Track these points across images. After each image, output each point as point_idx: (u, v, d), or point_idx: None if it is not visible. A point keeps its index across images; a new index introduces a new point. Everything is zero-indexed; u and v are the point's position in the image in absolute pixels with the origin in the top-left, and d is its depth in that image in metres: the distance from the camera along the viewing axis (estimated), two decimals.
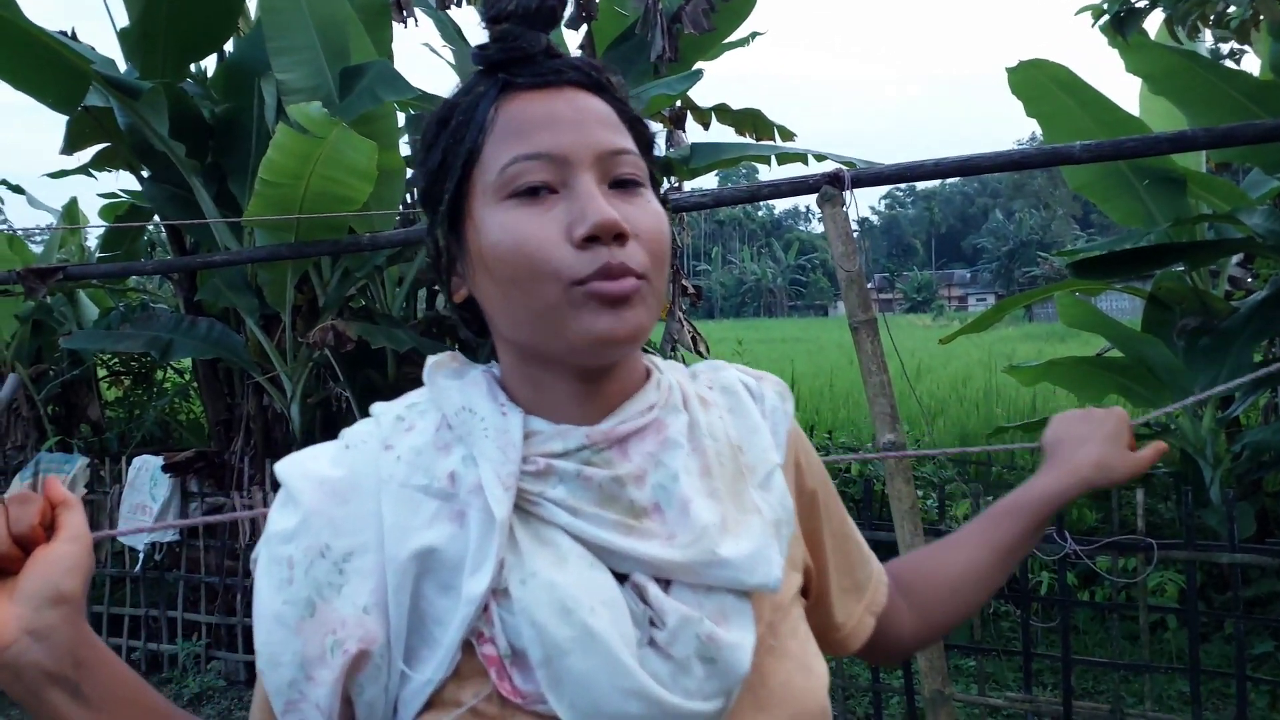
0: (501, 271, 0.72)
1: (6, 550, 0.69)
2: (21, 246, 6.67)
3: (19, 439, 6.02)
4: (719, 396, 0.86)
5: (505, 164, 0.72)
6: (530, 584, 0.68)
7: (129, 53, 4.88)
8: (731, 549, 0.73)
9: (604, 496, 0.73)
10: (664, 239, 0.75)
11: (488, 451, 0.73)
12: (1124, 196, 5.19)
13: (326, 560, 0.70)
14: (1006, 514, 1.04)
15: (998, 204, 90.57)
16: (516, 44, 0.76)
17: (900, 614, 1.00)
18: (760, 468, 0.82)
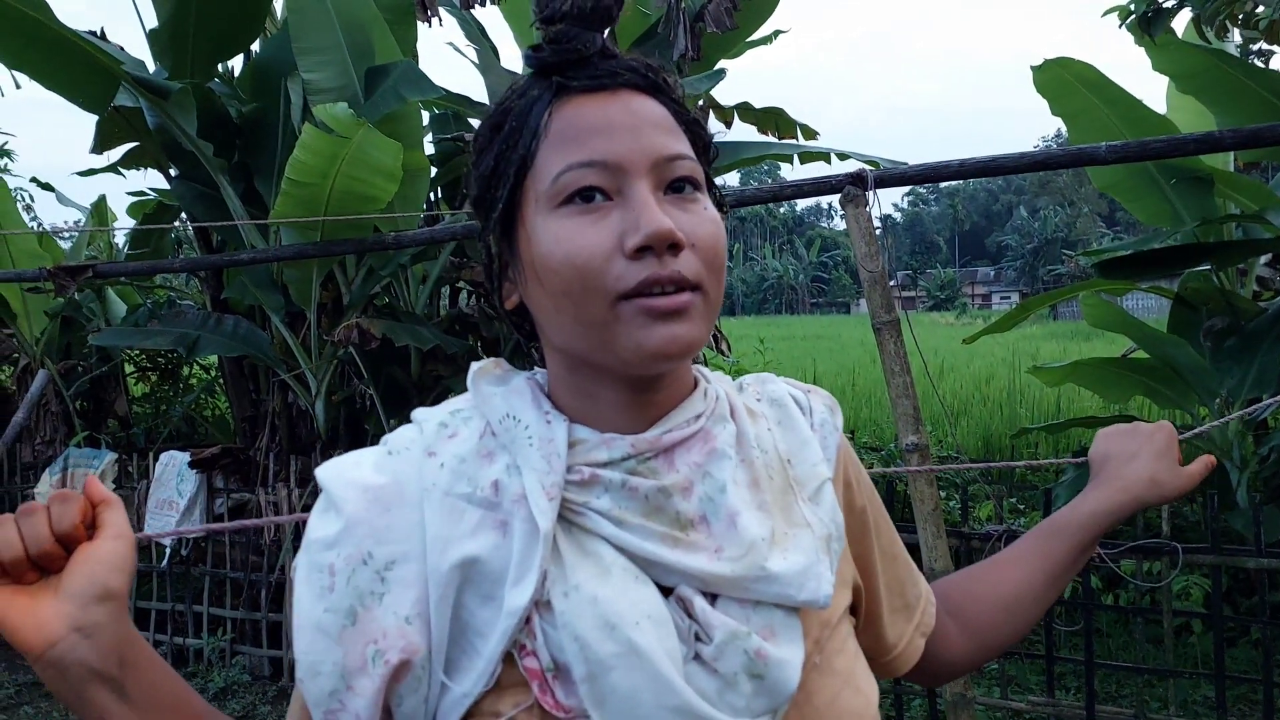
0: (553, 283, 0.71)
1: (49, 549, 0.70)
2: (51, 244, 6.76)
3: (48, 434, 6.10)
4: (767, 409, 0.85)
5: (559, 172, 0.71)
6: (573, 597, 0.67)
7: (158, 53, 4.94)
8: (780, 563, 0.72)
9: (650, 507, 0.71)
10: (720, 246, 0.73)
11: (532, 460, 0.72)
12: (1150, 196, 5.14)
13: (369, 569, 0.69)
14: (1057, 532, 1.02)
15: (1022, 201, 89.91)
16: (571, 45, 0.74)
17: (949, 635, 0.98)
18: (810, 481, 0.80)
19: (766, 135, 6.04)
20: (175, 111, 4.55)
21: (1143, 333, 5.19)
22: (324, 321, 4.78)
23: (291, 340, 4.77)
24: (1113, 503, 1.02)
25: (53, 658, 0.68)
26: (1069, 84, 4.93)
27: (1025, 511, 5.58)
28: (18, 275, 5.37)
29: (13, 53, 4.33)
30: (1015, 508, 5.65)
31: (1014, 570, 1.01)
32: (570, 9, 0.73)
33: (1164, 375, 5.04)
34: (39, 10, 4.08)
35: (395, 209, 4.38)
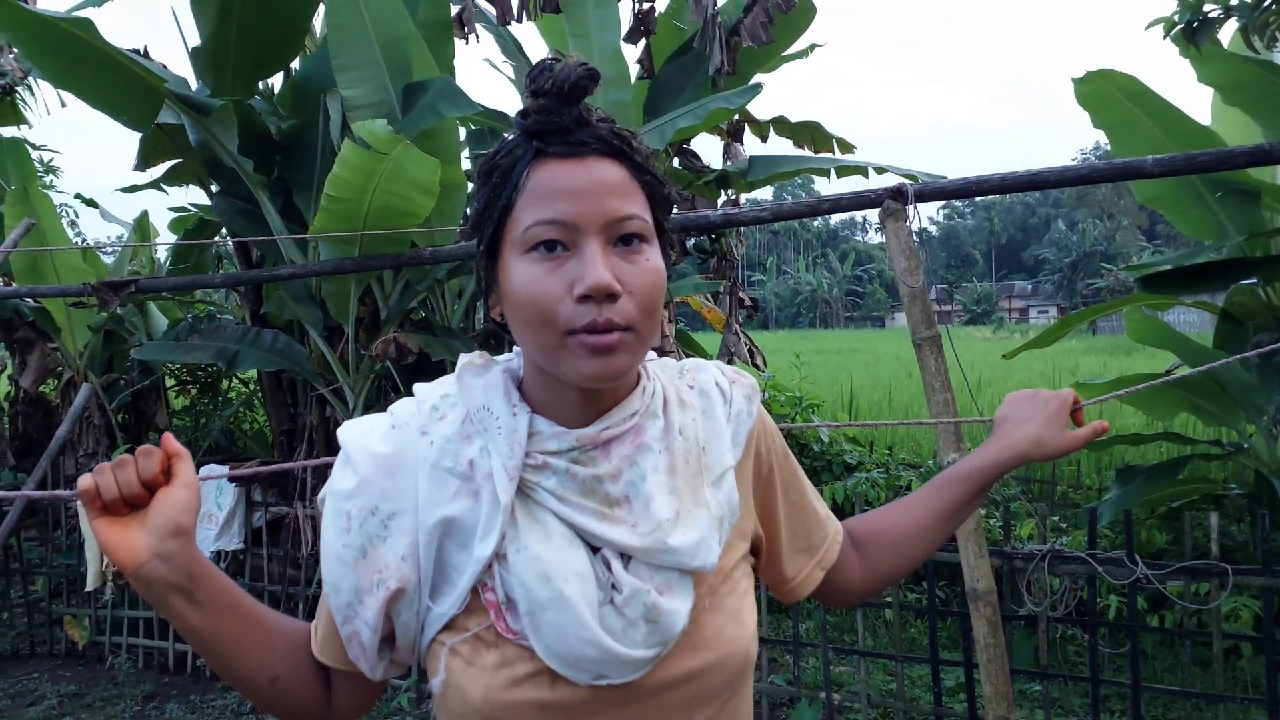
0: (518, 312, 0.90)
1: (138, 491, 0.93)
2: (94, 259, 6.86)
3: (90, 446, 6.19)
4: (696, 399, 1.04)
5: (529, 225, 0.88)
6: (522, 554, 0.89)
7: (200, 71, 5.01)
8: (680, 539, 0.93)
9: (585, 489, 0.92)
10: (655, 293, 0.90)
11: (499, 446, 0.93)
12: (1195, 208, 5.06)
13: (375, 518, 0.93)
14: (949, 483, 1.21)
15: (1060, 214, 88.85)
16: (550, 118, 0.90)
17: (851, 566, 1.19)
18: (716, 468, 1.00)
19: (803, 149, 6.01)
20: (217, 128, 4.61)
21: (1188, 348, 5.09)
22: (361, 336, 4.81)
23: (329, 354, 4.80)
24: (998, 458, 1.21)
25: (142, 574, 0.91)
26: (1111, 96, 4.86)
27: (1068, 530, 5.48)
28: (62, 290, 5.45)
29: (59, 71, 4.41)
30: (1058, 526, 5.55)
31: (910, 512, 1.20)
32: (551, 88, 0.90)
33: (1209, 391, 4.93)
34: (85, 30, 4.15)
35: (432, 224, 4.40)
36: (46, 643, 5.38)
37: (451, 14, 5.28)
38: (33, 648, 5.38)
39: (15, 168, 6.27)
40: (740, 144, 6.19)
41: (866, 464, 6.85)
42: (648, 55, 5.62)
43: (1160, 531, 5.18)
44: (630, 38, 5.56)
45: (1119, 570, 3.47)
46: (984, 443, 1.24)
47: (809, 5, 5.59)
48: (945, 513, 1.20)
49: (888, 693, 4.30)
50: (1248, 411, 4.80)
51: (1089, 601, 3.61)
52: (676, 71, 5.56)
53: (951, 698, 4.11)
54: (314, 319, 4.79)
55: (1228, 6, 3.63)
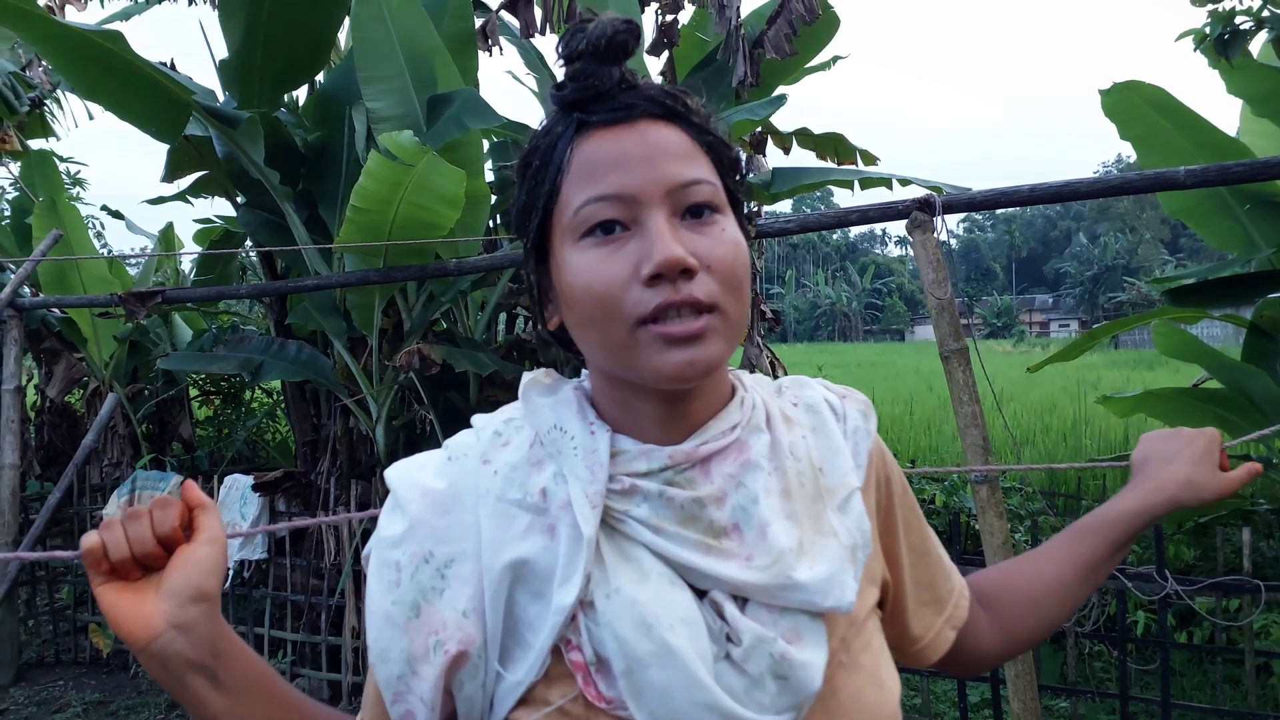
0: (579, 310, 0.77)
1: (152, 550, 0.78)
2: (120, 270, 6.92)
3: (115, 456, 6.22)
4: (803, 415, 0.89)
5: (579, 206, 0.76)
6: (614, 599, 0.73)
7: (227, 83, 5.05)
8: (807, 572, 0.76)
9: (685, 516, 0.76)
10: (738, 266, 0.77)
11: (577, 470, 0.78)
12: (1223, 221, 5.01)
13: (430, 566, 0.78)
14: (1091, 530, 1.05)
15: (1081, 227, 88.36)
16: (589, 82, 0.78)
17: (981, 628, 1.01)
18: (840, 490, 0.84)
19: (825, 161, 6.00)
20: (243, 140, 4.65)
21: (1217, 362, 5.03)
22: (385, 347, 4.83)
23: (353, 365, 4.82)
24: (1147, 502, 1.05)
25: (154, 650, 0.76)
26: (1138, 107, 4.83)
27: None
28: (89, 301, 5.51)
29: (89, 84, 4.45)
30: None
31: (1047, 565, 1.04)
32: (587, 47, 0.78)
33: (1239, 405, 4.88)
34: (115, 42, 4.19)
35: (456, 235, 4.41)
36: (71, 650, 5.41)
37: (475, 27, 5.31)
38: (58, 656, 5.41)
39: (43, 180, 6.33)
40: (763, 155, 6.19)
41: None
42: (671, 67, 5.63)
43: (1189, 547, 5.11)
44: (653, 50, 5.57)
45: (1150, 586, 3.43)
46: (1128, 486, 1.08)
47: (833, 17, 5.59)
48: (1089, 565, 1.03)
49: (913, 709, 4.26)
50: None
51: (1118, 617, 3.56)
52: (700, 83, 5.56)
53: (977, 714, 4.06)
54: (338, 330, 4.81)
55: (1259, 18, 3.60)
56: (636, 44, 0.79)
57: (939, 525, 6.10)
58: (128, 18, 6.89)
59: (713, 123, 0.82)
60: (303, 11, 4.69)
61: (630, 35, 0.78)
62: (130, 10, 6.95)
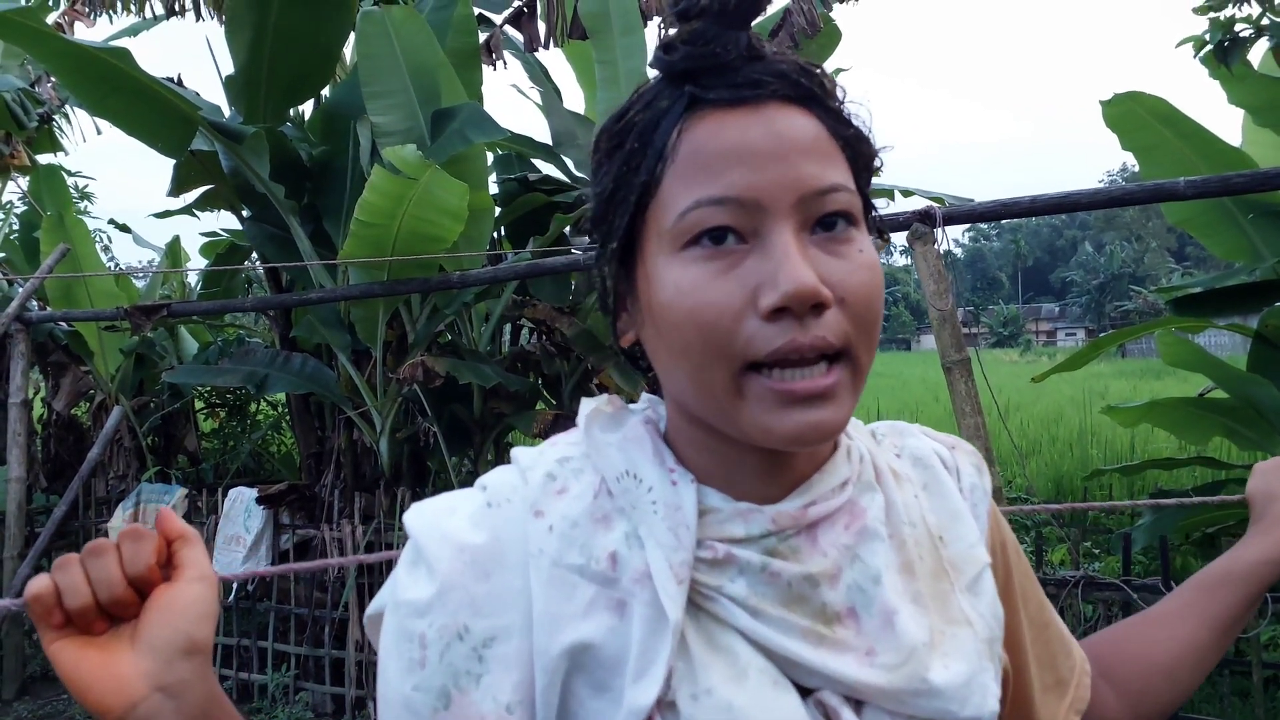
0: (672, 337, 0.62)
1: (122, 594, 0.62)
2: (127, 283, 6.96)
3: (121, 469, 6.24)
4: (911, 469, 0.74)
5: (686, 208, 0.61)
6: (704, 701, 0.59)
7: (233, 98, 5.09)
8: (942, 674, 0.63)
9: (792, 596, 0.62)
10: (875, 300, 0.62)
11: (657, 533, 0.62)
12: (1227, 230, 4.99)
13: (465, 644, 0.62)
14: (1222, 584, 0.90)
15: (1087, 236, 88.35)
16: (708, 49, 0.62)
17: (1106, 704, 0.86)
18: (968, 567, 0.70)
19: None
20: (249, 155, 4.68)
21: (1223, 372, 5.02)
22: (389, 359, 4.84)
23: (357, 378, 4.83)
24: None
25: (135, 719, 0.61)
26: (1140, 118, 4.82)
27: (1100, 556, 5.40)
28: (95, 314, 5.53)
29: (96, 100, 4.49)
30: (1090, 551, 5.47)
31: (1175, 628, 0.88)
32: (711, 4, 0.61)
33: (1245, 416, 4.86)
34: (122, 59, 4.23)
35: (460, 249, 4.43)
36: None
37: (480, 41, 5.34)
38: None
39: (51, 194, 6.38)
40: None
41: None
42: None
43: (1195, 558, 5.09)
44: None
45: (1154, 597, 3.42)
46: (1253, 529, 0.93)
47: (835, 29, 5.61)
48: (1225, 623, 0.88)
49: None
50: None
51: None
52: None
53: None
54: (342, 343, 4.83)
55: (1259, 26, 3.60)
56: (767, 3, 0.64)
57: None
58: (136, 34, 6.95)
59: (852, 111, 0.67)
60: (308, 27, 4.72)
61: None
62: (139, 26, 7.02)
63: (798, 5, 5.12)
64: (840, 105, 0.66)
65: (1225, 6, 3.74)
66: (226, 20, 4.87)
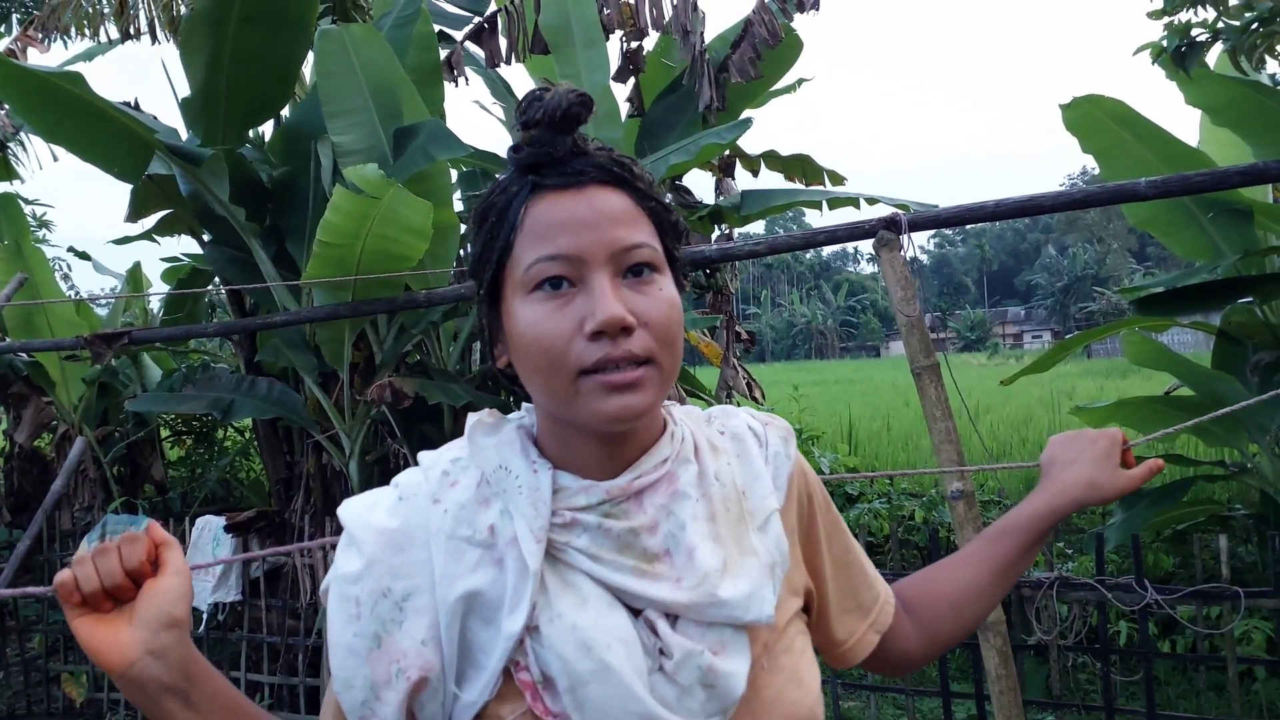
0: (526, 358, 0.84)
1: (121, 582, 0.85)
2: (88, 312, 6.84)
3: (86, 500, 6.12)
4: (728, 443, 0.97)
5: (530, 263, 0.83)
6: (557, 623, 0.81)
7: (190, 121, 5.02)
8: (730, 590, 0.84)
9: (621, 545, 0.84)
10: (672, 324, 0.84)
11: (522, 507, 0.84)
12: (1188, 230, 5.05)
13: (388, 600, 0.84)
14: (1002, 534, 1.12)
15: (1050, 239, 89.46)
16: (544, 149, 0.85)
17: (906, 631, 1.09)
18: (760, 512, 0.92)
19: (794, 182, 6.03)
20: (208, 178, 4.61)
21: (1187, 369, 5.07)
22: (356, 381, 4.78)
23: (325, 401, 4.77)
24: (1051, 505, 1.12)
25: (132, 675, 0.83)
26: (1099, 121, 4.88)
27: (1074, 555, 5.43)
28: (55, 344, 5.42)
29: (51, 126, 4.41)
30: (1063, 552, 5.50)
31: (963, 570, 1.11)
32: (543, 116, 0.84)
33: (1211, 412, 4.91)
34: (75, 84, 4.15)
35: (426, 267, 4.39)
36: (44, 700, 5.30)
37: (440, 58, 5.31)
38: (30, 707, 5.30)
39: (8, 223, 6.26)
40: (732, 179, 6.21)
41: (869, 494, 6.81)
42: (637, 93, 5.65)
43: (1167, 555, 5.14)
44: (620, 76, 5.59)
45: (1131, 596, 3.43)
46: (1036, 489, 1.15)
47: (796, 40, 5.64)
48: (1001, 567, 1.10)
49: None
50: (1251, 431, 4.78)
51: (1099, 628, 3.56)
52: (666, 109, 5.58)
53: None
54: (308, 365, 4.76)
55: (1215, 30, 3.65)
56: (589, 114, 0.85)
57: (920, 540, 6.10)
58: (91, 58, 6.85)
59: (656, 189, 0.89)
60: (266, 47, 4.66)
61: (583, 107, 0.84)
62: (94, 51, 6.92)
63: (759, 16, 5.14)
64: (646, 185, 0.88)
65: (1179, 11, 3.79)
66: (181, 42, 4.80)
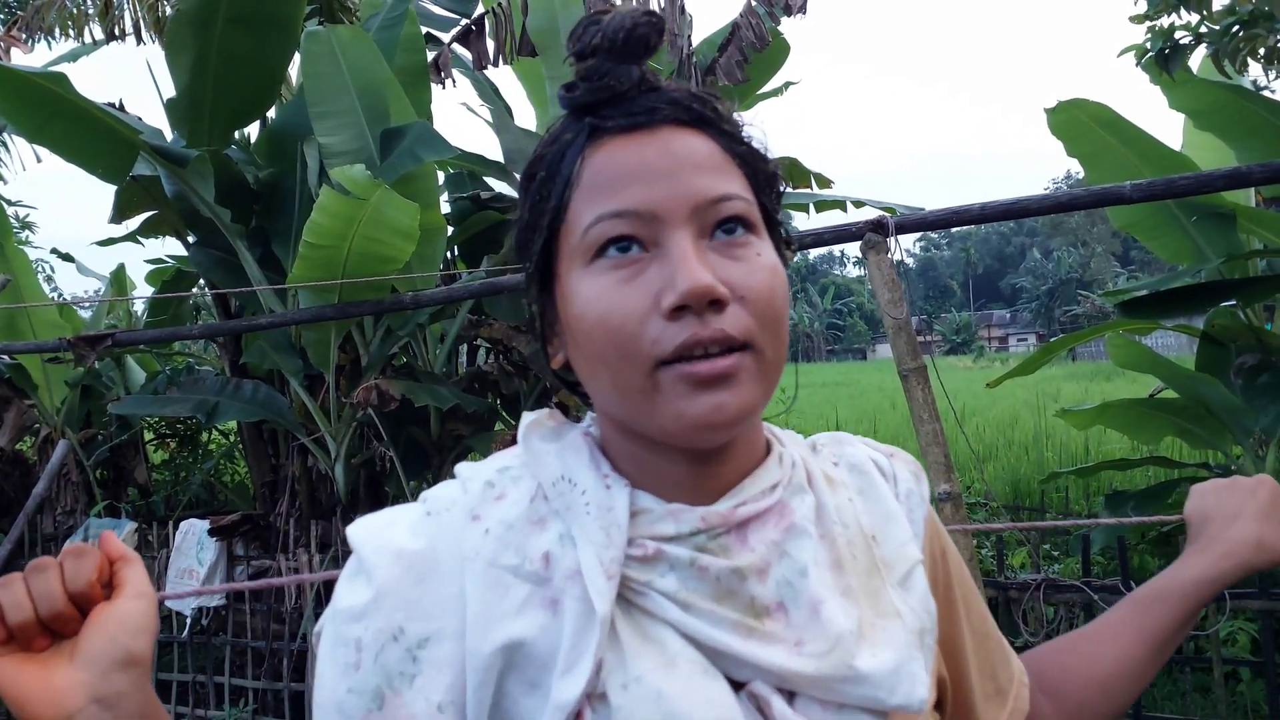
0: (589, 347, 0.65)
1: (63, 609, 0.64)
2: (71, 314, 6.80)
3: (68, 504, 6.07)
4: (847, 475, 0.77)
5: (589, 223, 0.65)
6: (634, 690, 0.60)
7: (175, 122, 4.99)
8: (870, 661, 0.64)
9: (721, 590, 0.64)
10: (775, 296, 0.65)
11: (589, 531, 0.65)
12: (1171, 233, 5.09)
13: (399, 645, 0.63)
14: (1158, 600, 0.93)
15: (1035, 243, 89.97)
16: (604, 82, 0.67)
17: (1043, 715, 0.89)
18: (899, 564, 0.73)
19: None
20: (193, 179, 4.58)
21: (1172, 372, 5.10)
22: (342, 384, 4.76)
23: (310, 403, 4.74)
24: (1217, 569, 0.93)
25: None
26: (1084, 125, 4.91)
27: (1060, 558, 5.45)
28: (38, 346, 5.38)
29: (35, 127, 4.38)
30: (1049, 555, 5.52)
31: (1112, 643, 0.91)
32: (602, 42, 0.67)
33: (1196, 414, 4.94)
34: (59, 85, 4.13)
35: (413, 268, 4.37)
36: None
37: (428, 60, 5.30)
38: None
39: None
40: None
41: None
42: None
43: (1152, 556, 5.16)
44: None
45: (1115, 598, 3.44)
46: (1190, 549, 0.97)
47: (783, 43, 5.65)
48: (1160, 639, 0.91)
49: None
50: (1235, 433, 4.81)
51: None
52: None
53: None
54: (294, 368, 4.74)
55: (1198, 34, 3.67)
56: (660, 39, 0.68)
57: None
58: (76, 59, 6.81)
59: (746, 132, 0.72)
60: (252, 48, 4.64)
61: (652, 29, 0.67)
62: (79, 51, 6.88)
63: (746, 20, 5.15)
64: (734, 128, 0.70)
65: (1161, 16, 3.82)
66: (167, 43, 4.77)
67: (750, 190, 0.68)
